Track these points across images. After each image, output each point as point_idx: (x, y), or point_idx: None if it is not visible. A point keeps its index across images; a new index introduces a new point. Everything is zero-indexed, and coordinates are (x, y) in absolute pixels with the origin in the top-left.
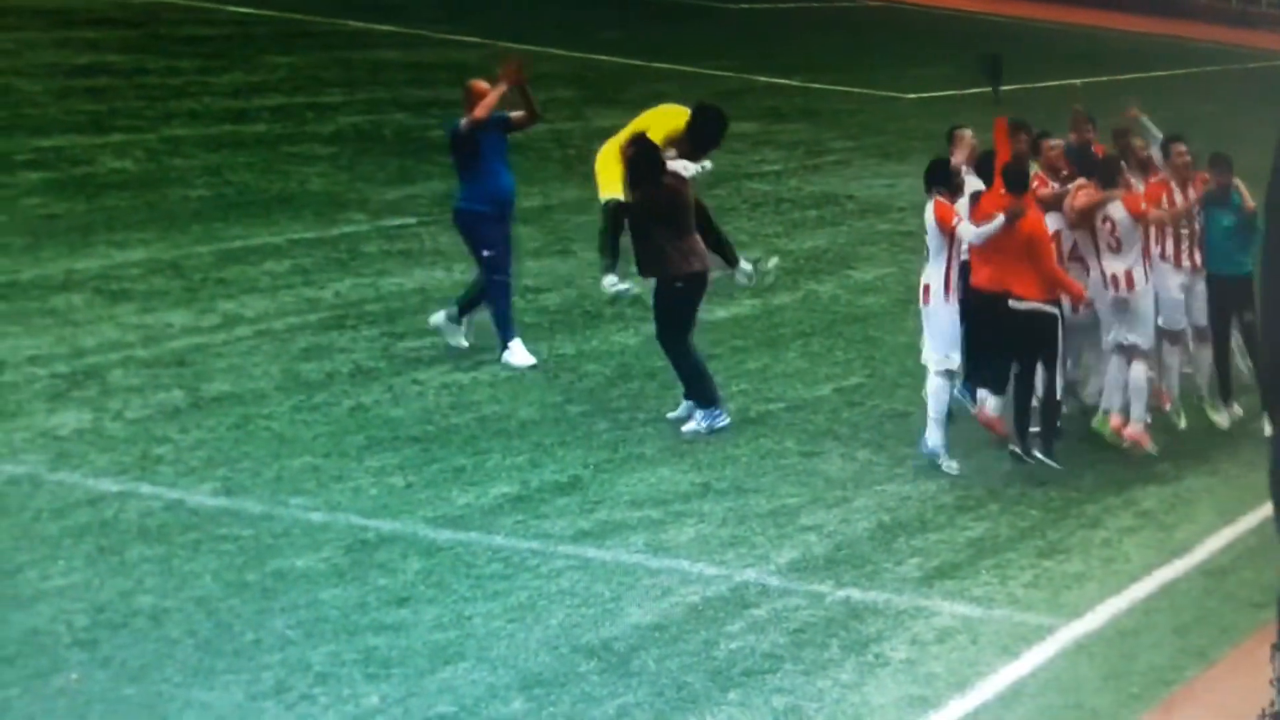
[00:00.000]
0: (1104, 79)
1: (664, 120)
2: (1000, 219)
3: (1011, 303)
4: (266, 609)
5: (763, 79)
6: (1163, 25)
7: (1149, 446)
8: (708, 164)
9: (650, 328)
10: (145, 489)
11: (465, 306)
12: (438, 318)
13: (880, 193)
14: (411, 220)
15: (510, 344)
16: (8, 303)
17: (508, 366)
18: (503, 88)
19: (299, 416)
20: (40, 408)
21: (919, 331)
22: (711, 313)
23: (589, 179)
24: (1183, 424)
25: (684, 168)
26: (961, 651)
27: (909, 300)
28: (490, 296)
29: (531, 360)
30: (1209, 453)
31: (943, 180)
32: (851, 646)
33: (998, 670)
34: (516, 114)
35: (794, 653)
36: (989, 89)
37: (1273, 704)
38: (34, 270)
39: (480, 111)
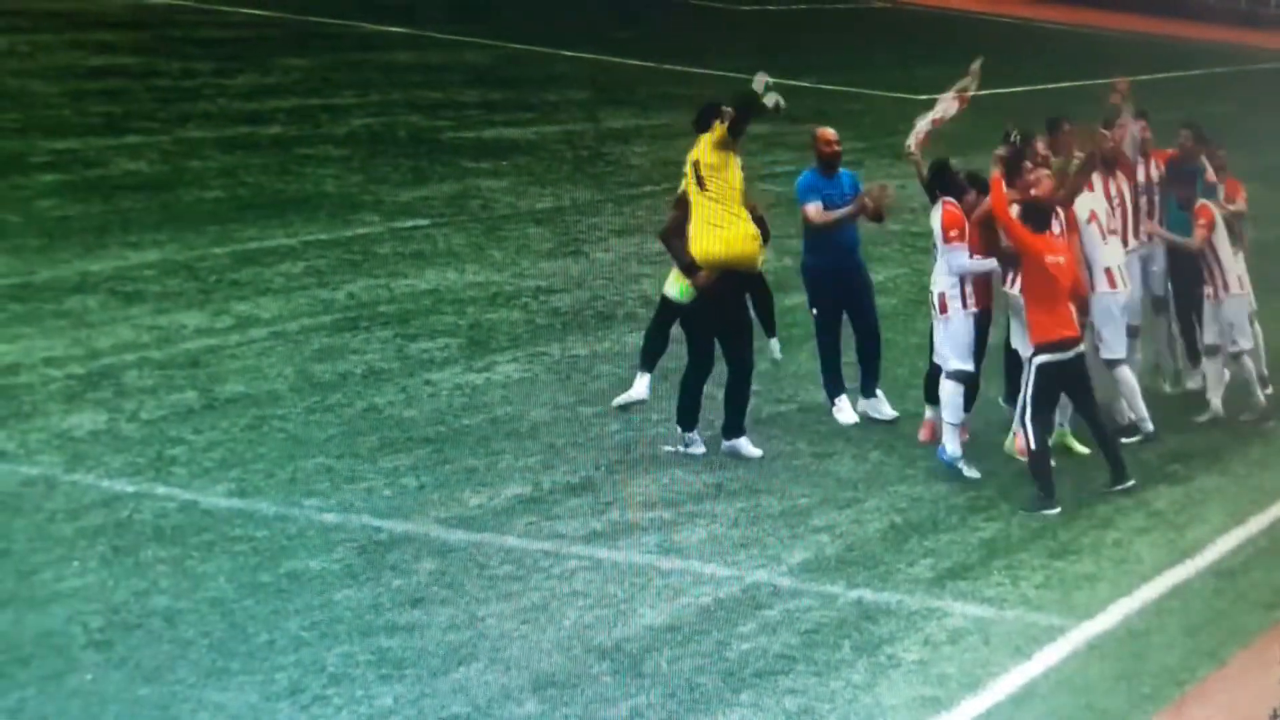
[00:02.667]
0: (1112, 80)
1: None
2: (992, 262)
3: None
4: (280, 610)
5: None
6: (1171, 26)
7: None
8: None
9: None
10: (160, 490)
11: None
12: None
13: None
14: (424, 222)
15: (837, 400)
16: (23, 304)
17: (529, 370)
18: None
19: (312, 417)
20: (55, 409)
21: (929, 334)
22: None
23: (600, 180)
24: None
25: None
26: (973, 652)
27: (920, 301)
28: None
29: (853, 418)
30: (1220, 453)
31: (947, 184)
32: (863, 647)
33: (1010, 671)
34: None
35: (806, 653)
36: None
37: None
38: (49, 272)
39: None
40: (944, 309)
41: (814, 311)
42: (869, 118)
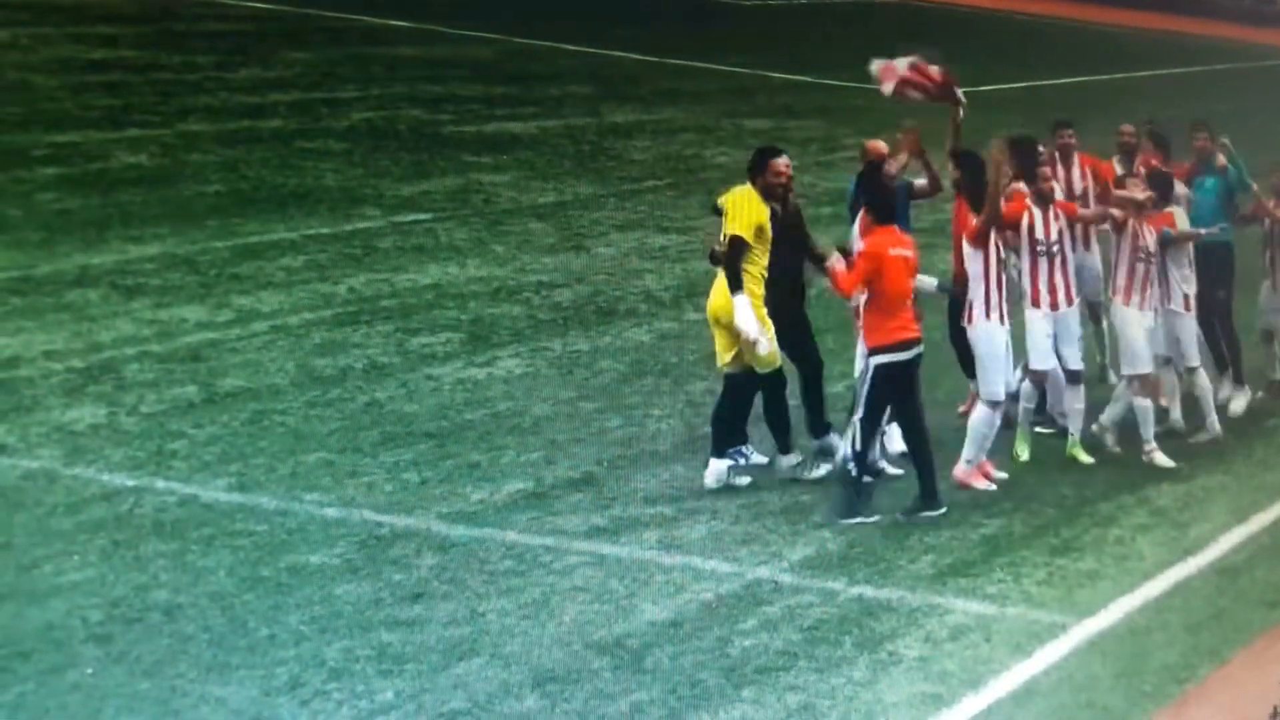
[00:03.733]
0: (1118, 76)
1: (740, 211)
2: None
3: None
4: (281, 604)
5: (776, 76)
6: (1174, 23)
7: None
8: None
9: (662, 325)
10: (160, 484)
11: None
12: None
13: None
14: (426, 216)
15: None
16: (23, 298)
17: (530, 365)
18: (903, 158)
19: (313, 412)
20: (56, 403)
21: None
22: None
23: (602, 175)
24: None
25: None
26: (975, 649)
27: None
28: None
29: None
30: (1223, 451)
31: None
32: (865, 644)
33: (1011, 668)
34: (920, 182)
35: (807, 650)
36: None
37: None
38: (49, 265)
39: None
40: (969, 318)
41: None
42: (873, 114)
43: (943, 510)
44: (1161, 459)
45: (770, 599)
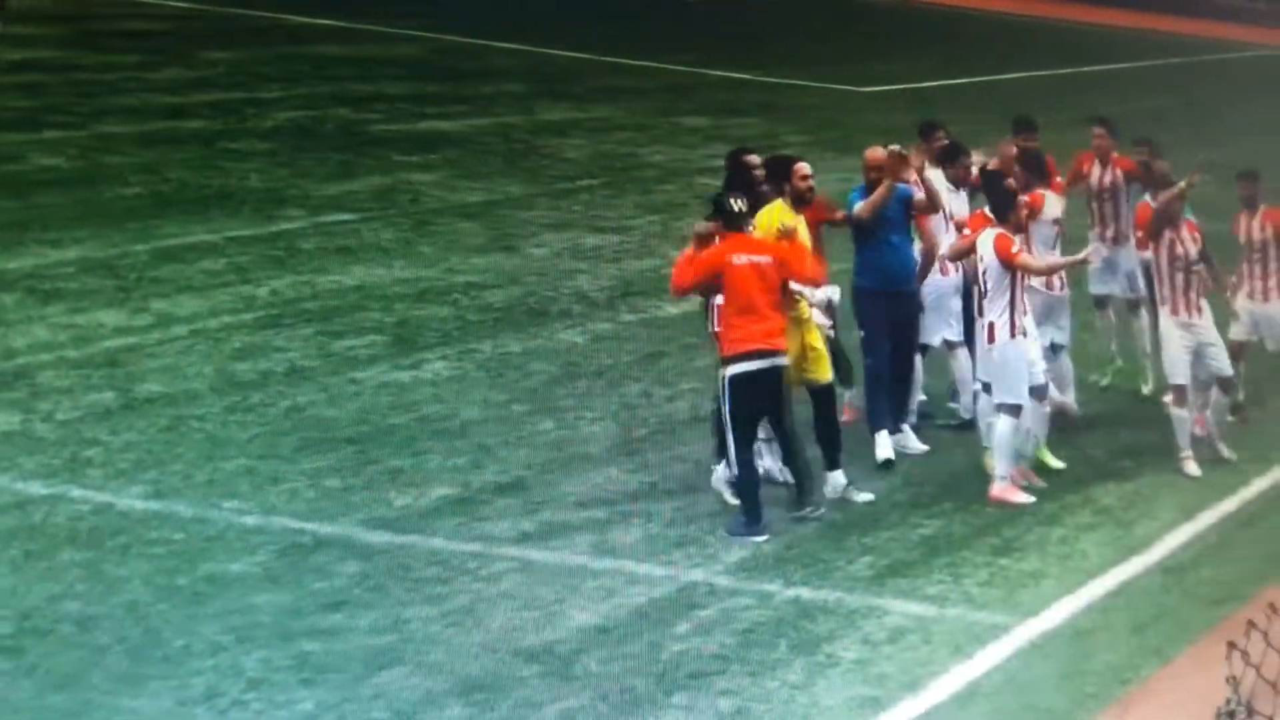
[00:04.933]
0: (1067, 71)
1: (761, 226)
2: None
3: None
4: (198, 614)
5: (716, 73)
6: (1126, 17)
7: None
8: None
9: (596, 326)
10: (75, 492)
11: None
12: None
13: (835, 188)
14: (351, 216)
15: (876, 435)
16: None
17: (458, 367)
18: (889, 186)
19: (233, 417)
20: None
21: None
22: (662, 309)
23: (534, 174)
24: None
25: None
26: (914, 651)
27: None
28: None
29: (889, 455)
30: (1170, 449)
31: (1006, 210)
32: (801, 646)
33: (951, 670)
34: (920, 197)
35: (742, 654)
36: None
37: (1228, 702)
38: None
39: (865, 212)
40: (991, 338)
41: (860, 334)
42: (816, 111)
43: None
44: (1192, 468)
45: (704, 602)
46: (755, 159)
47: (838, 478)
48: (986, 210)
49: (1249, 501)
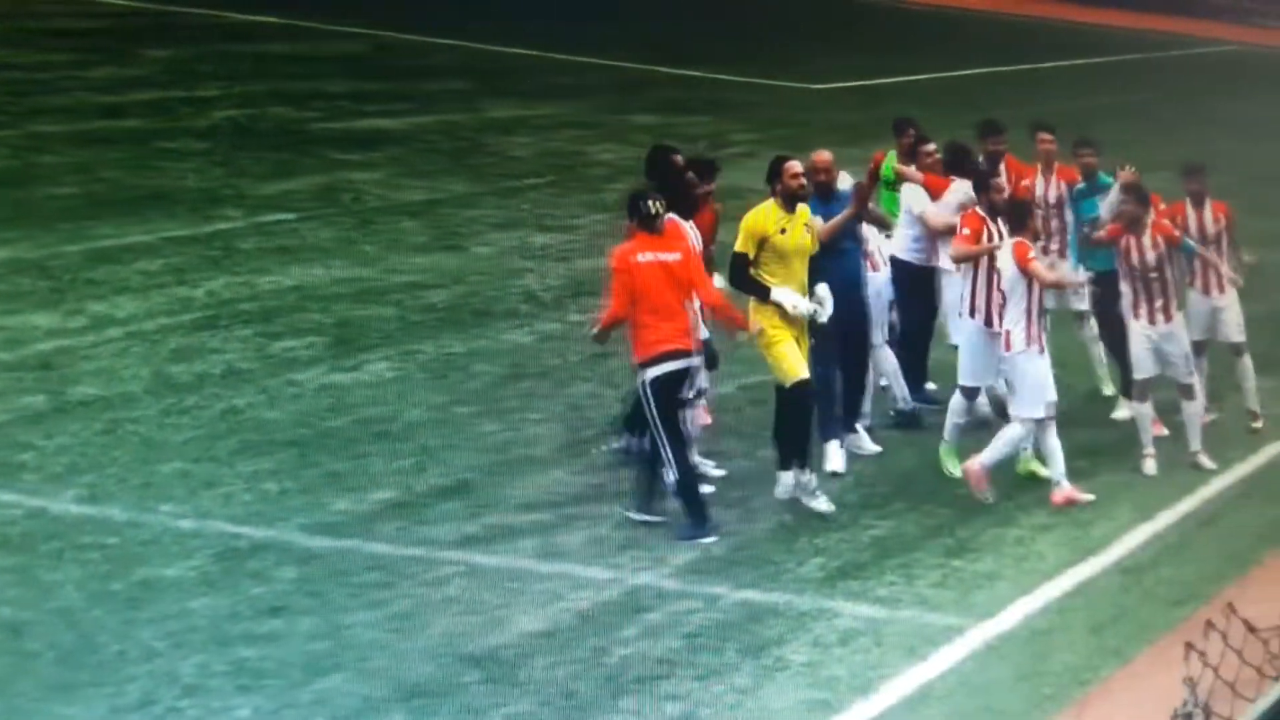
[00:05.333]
0: (1025, 68)
1: (743, 226)
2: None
3: None
4: (132, 619)
5: (664, 70)
6: (1086, 14)
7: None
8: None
9: (543, 326)
10: (6, 496)
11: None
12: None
13: None
14: (290, 216)
15: (826, 446)
16: None
17: (400, 369)
18: (849, 215)
19: (169, 420)
20: None
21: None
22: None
23: (479, 172)
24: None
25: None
26: (865, 654)
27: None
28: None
29: (839, 468)
30: (1128, 449)
31: (1024, 217)
32: (749, 650)
33: (903, 672)
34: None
35: (689, 657)
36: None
37: (1185, 703)
38: None
39: (824, 236)
40: (1007, 346)
41: (811, 341)
42: (765, 109)
43: (713, 538)
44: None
45: (651, 606)
46: (680, 159)
47: (788, 479)
48: (979, 210)
49: (1208, 501)
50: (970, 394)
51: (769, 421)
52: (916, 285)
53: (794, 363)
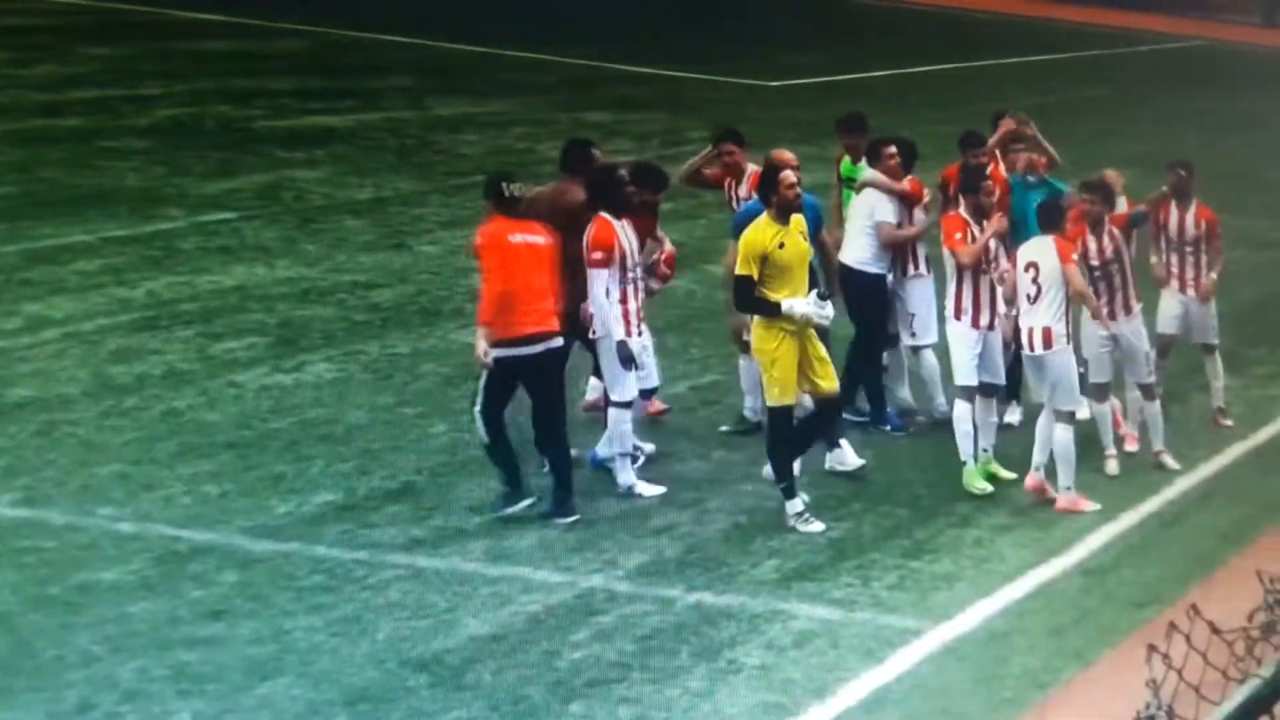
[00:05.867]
0: (987, 63)
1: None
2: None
3: None
4: (70, 624)
5: (616, 66)
6: (1051, 10)
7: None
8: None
9: None
10: None
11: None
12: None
13: None
14: (232, 215)
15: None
16: None
17: (344, 369)
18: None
19: (107, 422)
20: None
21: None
22: None
23: (426, 170)
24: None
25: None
26: (820, 656)
27: None
28: None
29: (857, 463)
30: (1088, 449)
31: (1059, 219)
32: (703, 653)
33: (860, 675)
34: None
35: (642, 660)
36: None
37: (1148, 706)
38: None
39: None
40: (1049, 343)
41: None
42: (720, 105)
43: (575, 517)
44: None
45: (603, 609)
46: (599, 154)
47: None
48: (963, 211)
49: (1172, 501)
50: (970, 394)
51: (722, 422)
52: (872, 293)
53: (785, 386)
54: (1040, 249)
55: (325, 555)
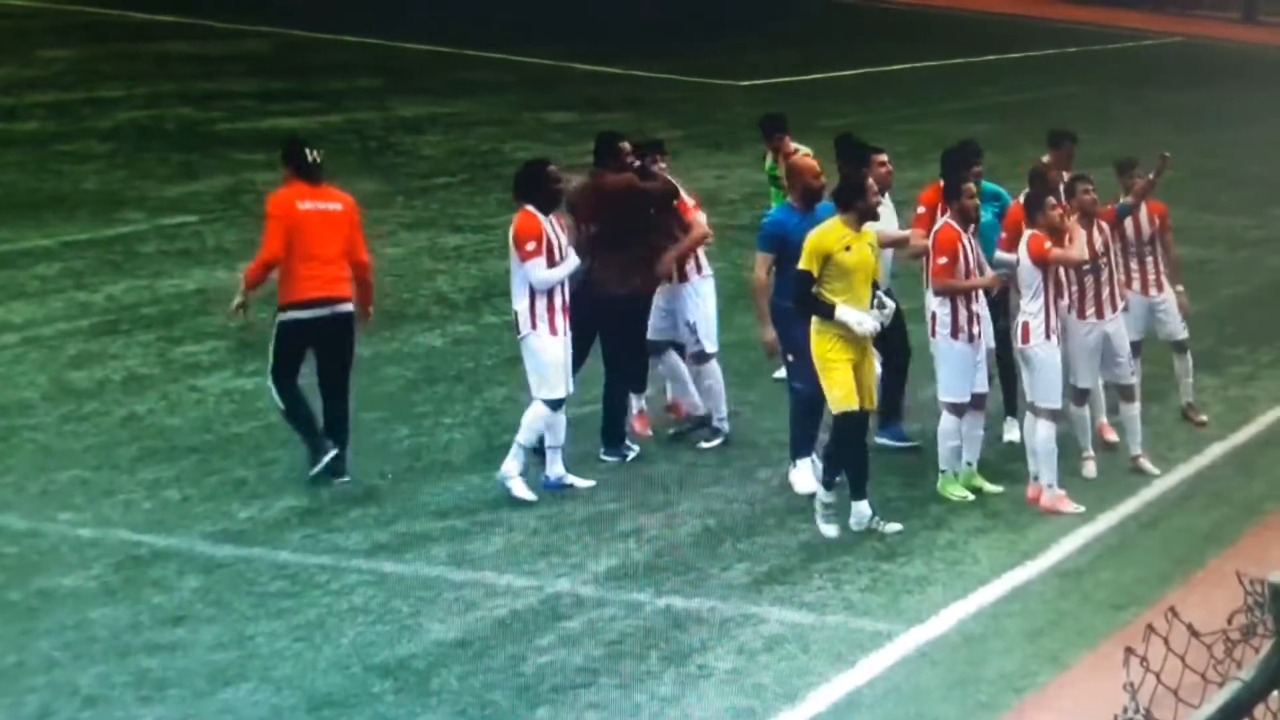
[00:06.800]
0: (960, 61)
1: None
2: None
3: None
4: (30, 630)
5: (581, 66)
6: (1022, 6)
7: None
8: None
9: (456, 328)
10: None
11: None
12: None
13: (710, 184)
14: (193, 218)
15: (799, 462)
16: None
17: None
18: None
19: (67, 427)
20: None
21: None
22: None
23: (389, 171)
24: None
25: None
26: (791, 660)
27: (739, 296)
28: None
29: (812, 489)
30: (1065, 451)
31: (1034, 211)
32: (671, 657)
33: (831, 680)
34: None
35: (609, 665)
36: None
37: (1126, 710)
38: None
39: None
40: (1025, 338)
41: (789, 358)
42: (687, 105)
43: (346, 479)
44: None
45: (570, 613)
46: (627, 145)
47: (863, 508)
48: (952, 222)
49: (1150, 503)
50: (961, 410)
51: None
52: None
53: (846, 390)
54: (1021, 246)
55: (288, 560)
